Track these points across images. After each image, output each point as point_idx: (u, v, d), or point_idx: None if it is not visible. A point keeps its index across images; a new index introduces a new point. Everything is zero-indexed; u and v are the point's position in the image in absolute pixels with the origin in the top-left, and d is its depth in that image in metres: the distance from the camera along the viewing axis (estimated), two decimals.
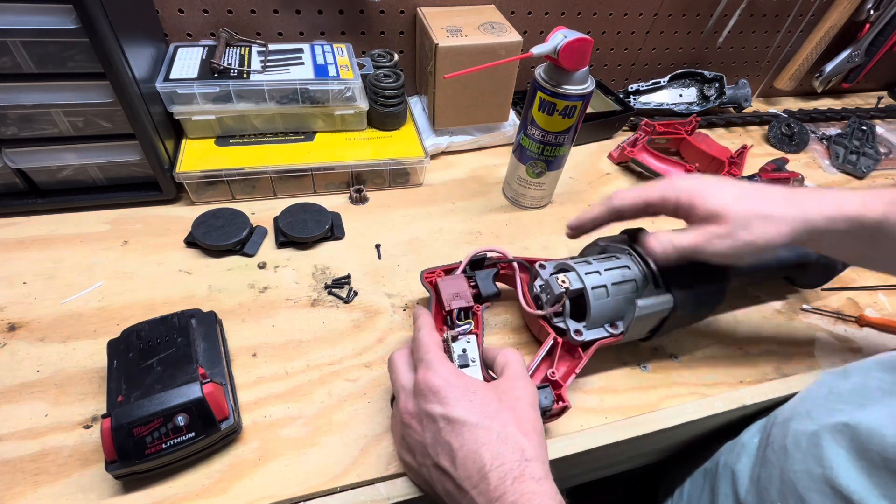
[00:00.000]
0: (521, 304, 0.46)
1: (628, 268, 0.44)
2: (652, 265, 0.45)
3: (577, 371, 0.42)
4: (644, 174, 0.74)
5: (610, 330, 0.44)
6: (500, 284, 0.49)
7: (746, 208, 0.37)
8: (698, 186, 0.39)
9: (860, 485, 0.33)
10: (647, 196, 0.42)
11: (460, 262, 0.48)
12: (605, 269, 0.44)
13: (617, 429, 0.44)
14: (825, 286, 0.60)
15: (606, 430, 0.43)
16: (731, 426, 0.50)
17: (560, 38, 0.50)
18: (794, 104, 0.98)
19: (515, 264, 0.48)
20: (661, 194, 0.41)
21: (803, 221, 0.37)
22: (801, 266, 0.54)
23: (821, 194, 0.38)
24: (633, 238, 0.47)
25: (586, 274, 0.43)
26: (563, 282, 0.43)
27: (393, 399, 0.39)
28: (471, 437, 0.32)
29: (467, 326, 0.42)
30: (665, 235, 0.40)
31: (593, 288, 0.43)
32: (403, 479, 0.39)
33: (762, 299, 0.58)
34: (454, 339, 0.40)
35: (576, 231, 0.46)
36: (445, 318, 0.45)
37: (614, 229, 0.49)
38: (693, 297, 0.44)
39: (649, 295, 0.43)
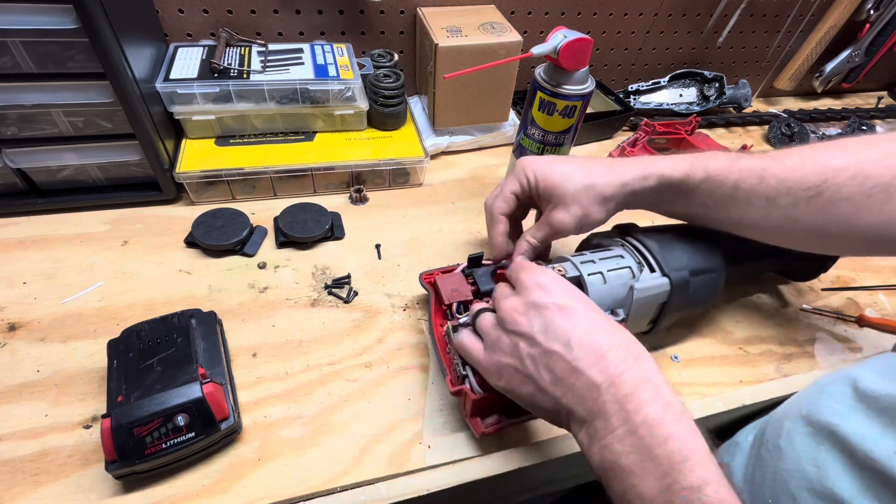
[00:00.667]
0: None
1: (622, 256, 0.45)
2: (645, 252, 0.45)
3: None
4: None
5: (611, 317, 0.44)
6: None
7: (575, 184, 0.43)
8: (542, 165, 0.46)
9: (852, 488, 0.32)
10: (511, 188, 0.47)
11: (458, 264, 0.49)
12: (600, 259, 0.45)
13: None
14: (825, 286, 0.60)
15: None
16: (731, 426, 0.50)
17: (560, 38, 0.50)
18: (794, 104, 0.98)
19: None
20: (516, 179, 0.47)
21: (620, 185, 0.43)
22: (792, 255, 0.54)
23: (636, 160, 0.45)
24: (623, 231, 0.49)
25: (581, 263, 0.44)
26: (560, 270, 0.43)
27: (454, 328, 0.40)
28: (584, 322, 0.33)
29: (467, 319, 0.42)
30: (521, 242, 0.47)
31: (589, 275, 0.43)
32: (403, 478, 0.39)
33: (762, 299, 0.58)
34: (454, 329, 0.41)
35: (501, 257, 0.49)
36: (445, 313, 0.45)
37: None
38: (689, 280, 0.45)
39: (646, 278, 0.44)
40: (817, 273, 0.57)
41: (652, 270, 0.44)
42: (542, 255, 0.49)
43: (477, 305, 0.40)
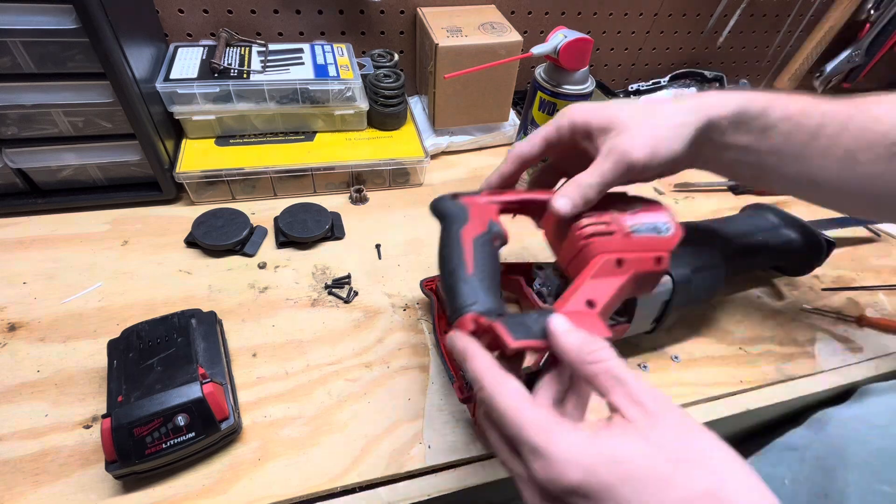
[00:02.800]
0: (522, 304, 0.46)
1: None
2: None
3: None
4: None
5: (616, 317, 0.44)
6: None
7: (642, 110, 0.36)
8: (588, 105, 0.38)
9: None
10: (545, 133, 0.39)
11: None
12: None
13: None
14: (825, 286, 0.60)
15: None
16: (734, 432, 0.50)
17: (560, 37, 0.50)
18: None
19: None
20: (555, 125, 0.39)
21: (698, 106, 0.36)
22: (786, 252, 0.54)
23: (707, 93, 0.38)
24: None
25: None
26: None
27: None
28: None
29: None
30: (568, 185, 0.36)
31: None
32: (405, 482, 0.39)
33: (762, 299, 0.58)
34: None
35: (485, 186, 0.43)
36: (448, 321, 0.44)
37: None
38: (692, 277, 0.44)
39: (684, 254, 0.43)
40: (811, 268, 0.57)
41: None
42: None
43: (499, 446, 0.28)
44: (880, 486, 0.34)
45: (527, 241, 0.61)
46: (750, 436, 0.55)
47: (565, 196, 0.35)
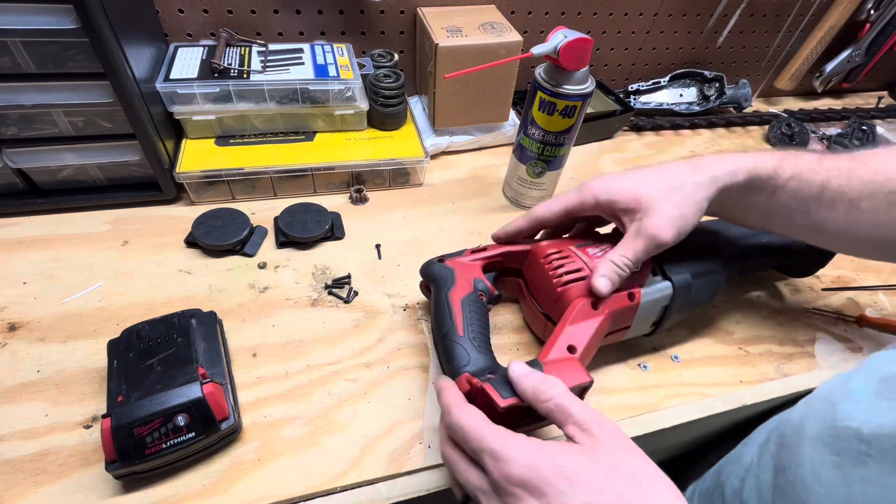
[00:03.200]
0: (522, 305, 0.46)
1: None
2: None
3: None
4: None
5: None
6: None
7: (660, 187, 0.40)
8: (610, 181, 0.42)
9: None
10: (566, 204, 0.44)
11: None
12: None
13: None
14: (825, 286, 0.60)
15: None
16: (731, 430, 0.50)
17: (560, 37, 0.50)
18: (795, 104, 0.98)
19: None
20: (578, 200, 0.43)
21: (711, 179, 0.40)
22: (790, 252, 0.54)
23: (720, 156, 0.42)
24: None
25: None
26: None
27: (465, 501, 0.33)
28: (583, 492, 0.27)
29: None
30: (605, 265, 0.40)
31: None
32: (403, 478, 0.39)
33: (762, 298, 0.58)
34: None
35: (500, 242, 0.48)
36: None
37: None
38: (692, 282, 0.45)
39: (651, 284, 0.44)
40: (815, 269, 0.57)
41: (654, 274, 0.44)
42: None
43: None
44: (830, 456, 0.36)
45: None
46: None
47: (605, 277, 0.40)
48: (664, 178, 0.41)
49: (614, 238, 0.46)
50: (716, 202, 0.41)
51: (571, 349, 0.39)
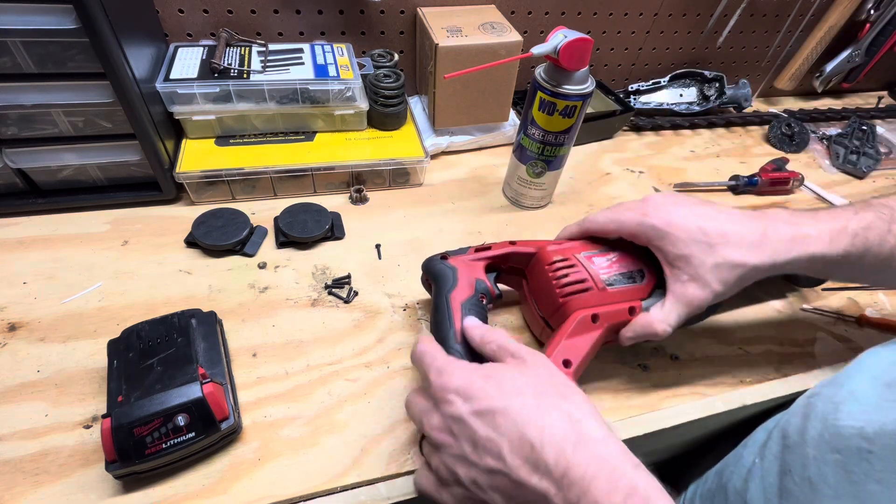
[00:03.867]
0: (522, 305, 0.46)
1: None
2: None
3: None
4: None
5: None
6: (501, 286, 0.49)
7: (714, 256, 0.38)
8: (667, 228, 0.40)
9: None
10: (620, 228, 0.43)
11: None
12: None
13: (615, 429, 0.44)
14: (825, 286, 0.60)
15: None
16: (731, 430, 0.50)
17: (560, 37, 0.50)
18: (795, 104, 0.98)
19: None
20: (633, 232, 0.42)
21: (770, 266, 0.38)
22: None
23: (791, 232, 0.39)
24: None
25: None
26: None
27: (421, 444, 0.36)
28: (507, 421, 0.29)
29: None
30: (659, 313, 0.40)
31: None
32: (403, 478, 0.39)
33: (762, 299, 0.58)
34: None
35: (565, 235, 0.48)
36: None
37: None
38: None
39: (656, 297, 0.43)
40: (822, 281, 0.56)
41: (658, 287, 0.44)
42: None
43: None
44: (833, 455, 0.36)
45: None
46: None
47: (664, 322, 0.40)
48: (724, 245, 0.38)
49: (622, 247, 0.45)
50: (767, 274, 0.40)
51: (567, 363, 0.39)
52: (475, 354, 0.39)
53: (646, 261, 0.45)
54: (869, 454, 0.34)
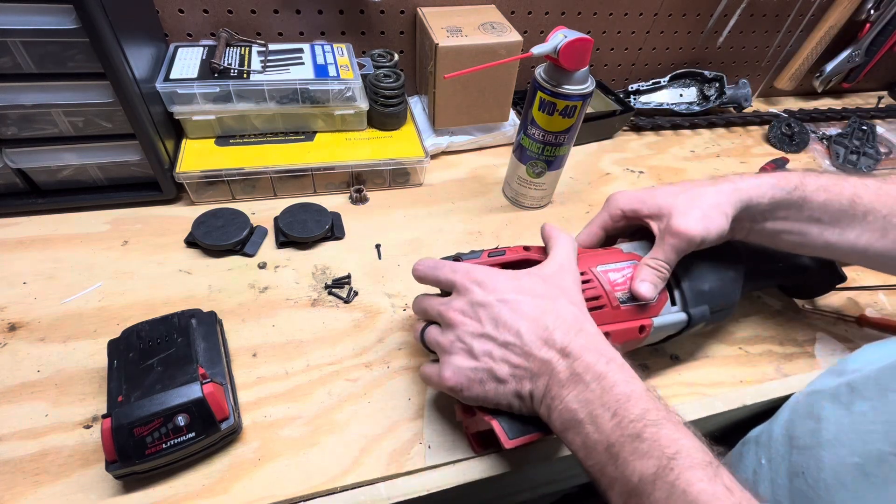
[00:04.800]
0: None
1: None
2: (672, 282, 0.44)
3: None
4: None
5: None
6: None
7: (683, 195, 0.42)
8: (633, 193, 0.45)
9: None
10: (601, 223, 0.47)
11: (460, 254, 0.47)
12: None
13: None
14: None
15: None
16: (733, 427, 0.50)
17: (560, 37, 0.50)
18: (795, 104, 0.98)
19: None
20: (607, 214, 0.46)
21: (733, 189, 0.41)
22: (797, 277, 0.53)
23: (741, 174, 0.43)
24: None
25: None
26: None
27: (423, 337, 0.39)
28: (528, 308, 0.35)
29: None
30: (644, 270, 0.42)
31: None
32: (404, 478, 0.39)
33: (762, 298, 0.58)
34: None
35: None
36: None
37: None
38: (707, 315, 0.44)
39: (666, 313, 0.43)
40: (814, 295, 0.56)
41: (673, 303, 0.43)
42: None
43: (420, 325, 0.40)
44: (851, 458, 0.36)
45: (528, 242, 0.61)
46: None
47: (646, 282, 0.41)
48: (684, 189, 0.42)
49: (634, 259, 0.45)
50: (743, 218, 0.42)
51: None
52: None
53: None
54: (892, 456, 0.33)
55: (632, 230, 0.48)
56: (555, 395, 0.33)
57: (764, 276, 0.52)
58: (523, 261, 0.45)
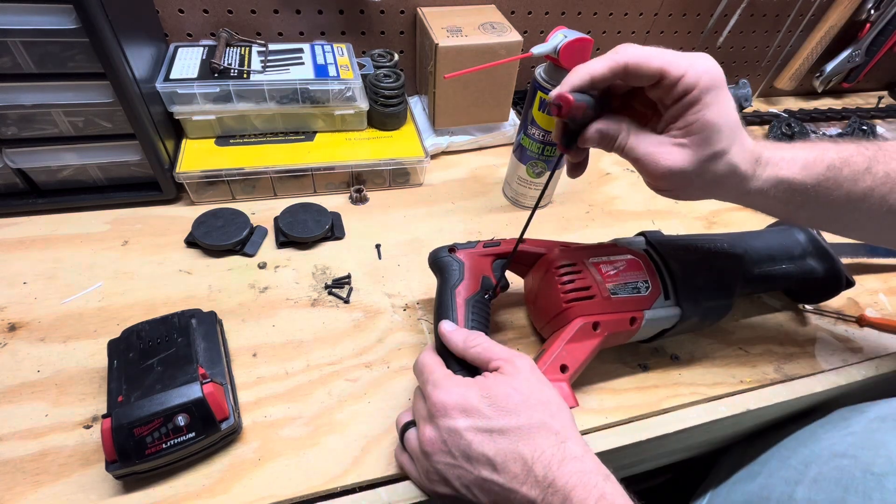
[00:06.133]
0: (526, 292, 0.46)
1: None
2: (666, 276, 0.44)
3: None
4: None
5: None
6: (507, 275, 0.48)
7: (718, 146, 0.34)
8: (718, 87, 0.34)
9: None
10: (597, 69, 0.35)
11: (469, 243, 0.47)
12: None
13: (619, 433, 0.44)
14: None
15: (608, 435, 0.43)
16: (739, 440, 0.50)
17: (560, 37, 0.50)
18: (795, 104, 0.98)
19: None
20: (688, 72, 0.33)
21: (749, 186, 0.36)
22: (803, 282, 0.52)
23: (768, 154, 0.36)
24: (649, 241, 0.48)
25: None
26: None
27: (402, 436, 0.38)
28: (504, 440, 0.32)
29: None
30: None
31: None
32: (405, 483, 0.39)
33: (762, 299, 0.58)
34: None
35: (564, 92, 0.35)
36: None
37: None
38: (700, 311, 0.44)
39: (658, 306, 0.43)
40: (821, 300, 0.55)
41: (667, 298, 0.44)
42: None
43: (404, 418, 0.39)
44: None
45: None
46: (751, 436, 0.55)
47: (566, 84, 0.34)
48: (733, 142, 0.35)
49: (630, 254, 0.45)
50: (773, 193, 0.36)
51: (563, 368, 0.40)
52: None
53: (652, 270, 0.45)
54: None
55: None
56: None
57: (769, 278, 0.51)
58: (520, 252, 0.46)
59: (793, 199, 0.37)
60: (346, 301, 0.52)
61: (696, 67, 0.32)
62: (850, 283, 0.51)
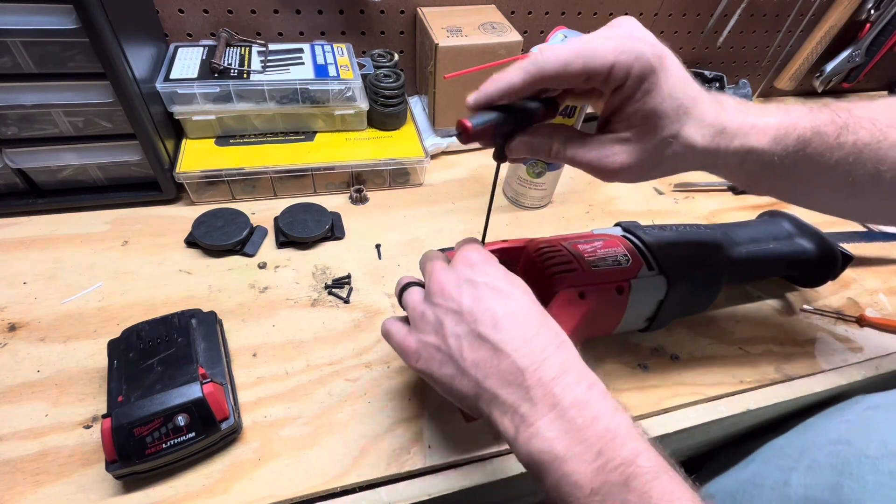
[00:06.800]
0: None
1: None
2: (644, 249, 0.46)
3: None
4: None
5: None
6: None
7: (672, 129, 0.32)
8: (661, 65, 0.30)
9: None
10: (589, 62, 0.30)
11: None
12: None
13: None
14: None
15: None
16: (735, 438, 0.50)
17: (560, 38, 0.50)
18: (795, 104, 0.98)
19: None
20: (610, 62, 0.30)
21: (711, 152, 0.33)
22: (799, 262, 0.54)
23: (738, 120, 0.33)
24: (625, 229, 0.50)
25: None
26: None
27: (401, 298, 0.37)
28: (515, 305, 0.31)
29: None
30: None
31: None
32: (405, 483, 0.39)
33: (762, 298, 0.58)
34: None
35: (478, 103, 0.35)
36: None
37: None
38: (688, 280, 0.45)
39: (644, 276, 0.44)
40: (824, 280, 0.56)
41: (650, 268, 0.45)
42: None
43: (406, 279, 0.38)
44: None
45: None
46: (750, 435, 0.55)
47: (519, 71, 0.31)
48: (690, 115, 0.32)
49: (606, 237, 0.47)
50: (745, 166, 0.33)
51: None
52: None
53: (630, 247, 0.46)
54: None
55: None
56: (526, 414, 0.28)
57: (758, 260, 0.51)
58: (505, 249, 0.48)
59: (758, 171, 0.34)
60: (346, 301, 0.52)
61: (625, 56, 0.29)
62: (849, 258, 0.52)
